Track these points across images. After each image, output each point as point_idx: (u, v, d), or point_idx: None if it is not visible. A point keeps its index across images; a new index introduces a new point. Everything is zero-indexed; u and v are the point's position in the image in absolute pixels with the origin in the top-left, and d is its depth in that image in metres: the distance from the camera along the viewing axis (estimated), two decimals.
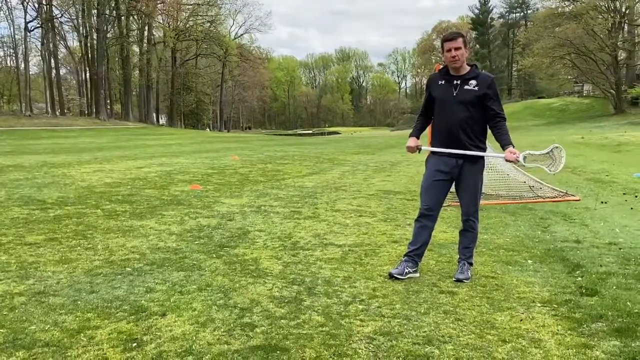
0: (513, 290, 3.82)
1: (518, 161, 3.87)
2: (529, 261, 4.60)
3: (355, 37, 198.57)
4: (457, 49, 3.83)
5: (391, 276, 4.00)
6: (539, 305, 3.51)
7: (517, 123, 50.36)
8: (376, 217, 6.68)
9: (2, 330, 3.00)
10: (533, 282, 4.00)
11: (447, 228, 5.97)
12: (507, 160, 3.95)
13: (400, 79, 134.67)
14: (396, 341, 2.91)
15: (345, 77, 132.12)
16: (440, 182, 4.08)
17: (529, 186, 8.82)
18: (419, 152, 4.25)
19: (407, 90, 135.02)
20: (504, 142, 3.89)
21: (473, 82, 3.87)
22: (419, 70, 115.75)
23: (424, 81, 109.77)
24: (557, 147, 4.09)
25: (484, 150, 4.03)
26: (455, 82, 3.92)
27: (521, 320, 3.25)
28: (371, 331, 3.05)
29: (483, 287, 3.87)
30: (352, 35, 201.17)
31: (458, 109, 3.89)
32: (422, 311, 3.38)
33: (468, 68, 3.95)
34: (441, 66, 4.21)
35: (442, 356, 2.75)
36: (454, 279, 4.01)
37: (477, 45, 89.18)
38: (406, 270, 4.03)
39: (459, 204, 4.27)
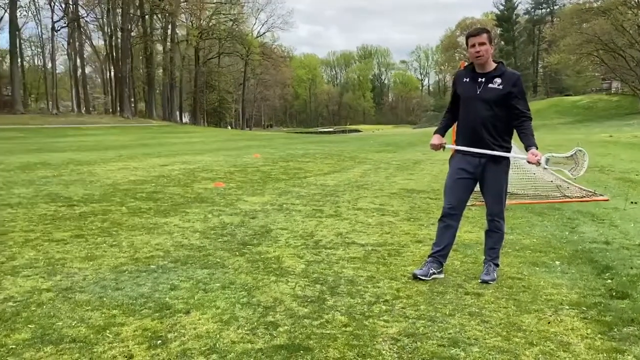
0: (540, 292, 3.74)
1: (540, 163, 3.78)
2: (557, 262, 4.51)
3: (376, 34, 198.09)
4: (481, 44, 3.74)
5: (415, 277, 3.95)
6: (567, 307, 3.43)
7: (542, 121, 49.56)
8: (399, 217, 6.63)
9: (30, 326, 3.05)
10: (561, 284, 3.91)
11: (472, 228, 5.89)
12: (529, 162, 3.86)
13: (423, 76, 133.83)
14: (421, 342, 2.88)
15: (367, 74, 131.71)
16: (463, 180, 4.01)
17: (557, 186, 8.66)
18: (443, 150, 4.19)
19: (430, 88, 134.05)
20: (527, 143, 3.80)
21: (498, 80, 3.79)
22: (442, 68, 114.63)
23: (448, 78, 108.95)
24: (580, 151, 3.99)
25: (509, 149, 3.95)
26: (480, 79, 3.84)
27: (549, 322, 3.18)
28: (395, 332, 3.01)
29: (509, 289, 3.80)
30: (373, 32, 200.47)
31: (481, 107, 3.81)
32: (447, 312, 3.33)
33: (494, 65, 3.85)
34: (466, 63, 4.14)
35: (467, 358, 2.70)
36: (479, 280, 3.95)
37: (502, 42, 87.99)
38: (431, 271, 3.97)
39: (484, 203, 4.20)
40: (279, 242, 5.21)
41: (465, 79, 3.94)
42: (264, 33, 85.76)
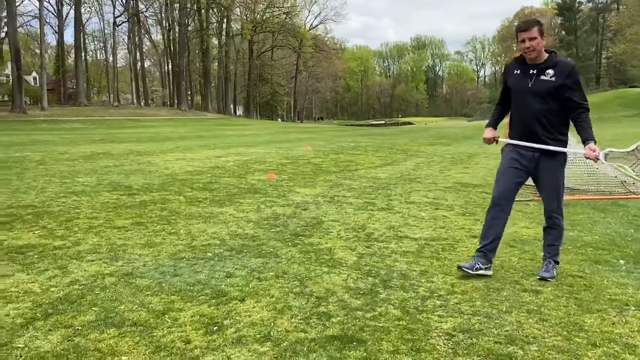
0: (604, 291, 3.59)
1: (598, 159, 3.59)
2: (621, 261, 4.31)
3: (429, 25, 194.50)
4: (531, 39, 3.57)
5: (460, 268, 3.84)
6: (633, 308, 3.28)
7: (605, 114, 47.32)
8: (453, 211, 6.51)
9: (95, 309, 3.19)
10: (626, 284, 3.74)
11: (530, 224, 5.71)
12: (586, 158, 3.64)
13: (478, 67, 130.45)
14: (476, 339, 2.82)
15: (421, 66, 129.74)
16: (515, 170, 3.84)
17: (621, 181, 8.26)
18: (497, 144, 4.07)
19: (486, 79, 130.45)
20: (585, 137, 3.59)
21: (550, 71, 3.61)
22: (498, 59, 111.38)
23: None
24: None
25: (565, 143, 3.77)
26: (531, 71, 3.67)
27: (613, 323, 3.04)
28: (450, 327, 2.97)
29: (570, 287, 3.67)
30: (425, 23, 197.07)
31: (534, 100, 3.65)
32: (504, 309, 3.25)
33: (546, 55, 3.67)
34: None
35: (526, 357, 2.63)
36: (538, 276, 3.83)
37: (563, 32, 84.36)
38: (477, 266, 3.82)
39: (540, 198, 4.05)
40: (331, 234, 5.22)
41: (516, 71, 3.78)
42: (317, 25, 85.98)
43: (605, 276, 3.91)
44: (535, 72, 3.66)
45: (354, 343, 2.76)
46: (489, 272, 3.88)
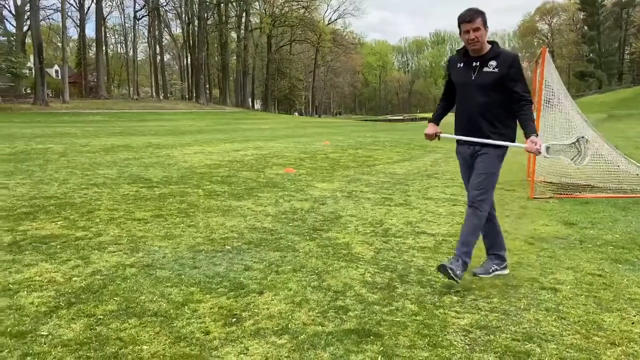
0: (623, 290, 3.55)
1: (540, 152, 3.50)
2: None
3: (447, 20, 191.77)
4: (475, 30, 3.48)
5: (475, 275, 3.76)
6: None
7: (628, 110, 46.39)
8: None
9: (116, 299, 3.26)
10: None
11: (549, 221, 5.66)
12: (528, 151, 3.55)
13: None
14: (494, 336, 2.82)
15: (440, 61, 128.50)
16: (470, 171, 3.78)
17: None
18: (439, 140, 3.96)
19: None
20: (527, 131, 3.48)
21: (493, 62, 3.51)
22: (519, 54, 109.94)
23: (524, 65, 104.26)
24: (583, 138, 3.68)
25: (510, 137, 3.63)
26: (474, 64, 3.57)
27: (633, 323, 3.01)
28: (467, 324, 2.97)
29: (589, 285, 3.63)
30: (444, 18, 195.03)
31: (477, 93, 3.56)
32: (522, 307, 3.24)
33: (488, 47, 3.57)
34: (547, 49, 3.93)
35: (543, 355, 2.62)
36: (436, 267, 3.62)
37: (586, 27, 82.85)
38: (492, 268, 3.78)
39: (561, 195, 3.99)
40: (349, 229, 5.24)
41: (459, 64, 3.68)
42: (335, 20, 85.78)
43: (625, 275, 3.87)
44: (478, 64, 3.56)
45: (371, 337, 2.77)
46: (506, 271, 3.83)
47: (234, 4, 67.62)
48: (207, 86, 69.56)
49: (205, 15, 63.03)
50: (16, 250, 4.27)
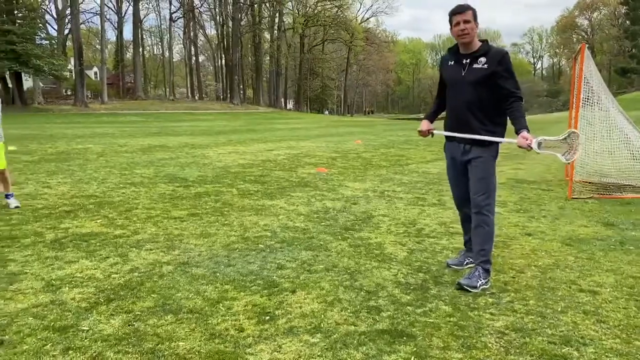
0: None
1: (531, 148, 3.42)
2: None
3: (484, 16, 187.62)
4: (466, 21, 3.45)
5: (448, 265, 3.97)
6: None
7: None
8: (507, 207, 6.36)
9: (153, 295, 3.34)
10: None
11: (587, 222, 5.52)
12: (519, 147, 3.46)
13: (535, 59, 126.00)
14: (529, 338, 2.77)
15: None
16: (456, 172, 3.80)
17: None
18: (432, 137, 4.00)
19: (544, 72, 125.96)
20: (518, 126, 3.43)
21: (483, 59, 3.48)
22: (557, 51, 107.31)
23: (563, 62, 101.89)
24: (574, 133, 3.57)
25: (500, 134, 3.58)
26: (464, 61, 3.55)
27: None
28: (502, 326, 2.93)
29: (630, 289, 3.53)
30: (479, 15, 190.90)
31: (467, 90, 3.53)
32: (559, 309, 3.17)
33: (479, 44, 3.55)
34: (587, 45, 3.84)
35: (581, 359, 2.57)
36: (456, 283, 3.55)
37: (628, 22, 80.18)
38: (466, 261, 3.92)
39: (601, 196, 3.90)
40: (381, 229, 5.22)
41: (450, 62, 3.67)
42: (368, 18, 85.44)
43: None
44: (468, 61, 3.54)
45: (404, 338, 2.76)
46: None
47: (268, 4, 68.13)
48: (241, 86, 70.30)
49: (239, 16, 63.73)
50: (58, 247, 4.42)
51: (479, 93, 3.51)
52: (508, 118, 3.55)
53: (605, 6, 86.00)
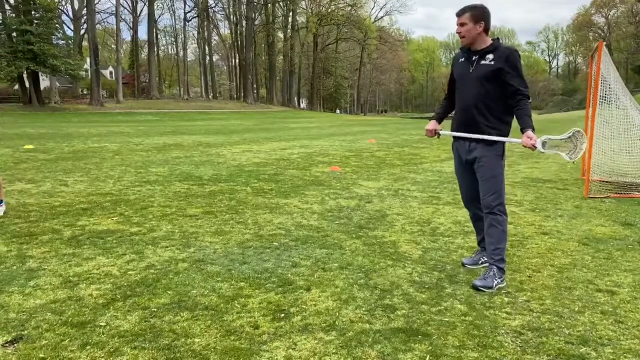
0: None
1: (536, 147, 3.38)
2: None
3: (498, 14, 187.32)
4: (461, 24, 3.53)
5: (464, 265, 3.97)
6: None
7: None
8: (523, 207, 6.31)
9: (169, 292, 3.36)
10: None
11: (605, 222, 5.45)
12: (524, 146, 3.42)
13: (550, 58, 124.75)
14: (546, 338, 2.75)
15: None
16: (463, 171, 3.81)
17: None
18: (438, 137, 3.98)
19: (559, 70, 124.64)
20: (523, 125, 3.40)
21: (490, 56, 3.49)
22: (573, 49, 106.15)
23: (579, 60, 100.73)
24: (578, 132, 3.52)
25: (504, 133, 3.56)
26: (473, 57, 3.57)
27: None
28: (518, 325, 2.91)
29: None
30: (494, 13, 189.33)
31: (474, 86, 3.54)
32: (576, 309, 3.14)
33: (489, 42, 3.56)
34: (604, 43, 3.81)
35: (599, 359, 2.54)
36: (472, 284, 3.53)
37: None
38: (481, 260, 3.93)
39: (618, 195, 3.85)
40: (395, 227, 5.21)
41: (460, 60, 3.70)
42: (382, 17, 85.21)
43: None
44: (476, 57, 3.56)
45: (419, 336, 2.76)
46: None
47: (281, 3, 68.25)
48: (255, 86, 70.52)
49: (253, 15, 63.94)
50: (75, 244, 4.47)
51: (485, 89, 3.52)
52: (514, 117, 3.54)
53: (622, 3, 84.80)
